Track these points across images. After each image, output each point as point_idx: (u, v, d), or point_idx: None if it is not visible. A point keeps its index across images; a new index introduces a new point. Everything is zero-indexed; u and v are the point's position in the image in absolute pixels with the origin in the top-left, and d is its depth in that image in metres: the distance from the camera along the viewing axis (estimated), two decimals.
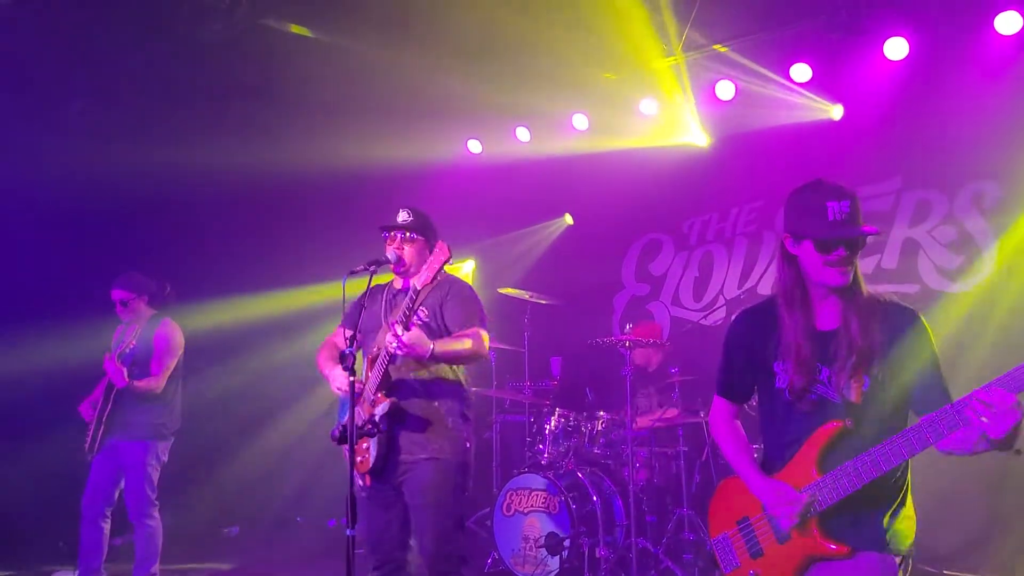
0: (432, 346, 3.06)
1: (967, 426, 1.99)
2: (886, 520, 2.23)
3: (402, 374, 3.24)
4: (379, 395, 3.21)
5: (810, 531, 2.24)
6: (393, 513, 3.33)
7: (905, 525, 2.27)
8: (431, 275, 2.97)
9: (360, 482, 3.35)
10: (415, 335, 3.01)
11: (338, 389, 3.38)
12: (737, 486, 2.50)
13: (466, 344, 3.22)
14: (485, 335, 3.33)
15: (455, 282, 3.46)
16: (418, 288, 3.01)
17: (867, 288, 2.32)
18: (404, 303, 3.09)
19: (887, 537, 2.22)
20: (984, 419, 1.94)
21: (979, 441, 2.03)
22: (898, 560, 2.23)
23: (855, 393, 2.22)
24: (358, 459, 3.34)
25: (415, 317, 3.25)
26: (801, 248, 2.31)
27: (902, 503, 2.28)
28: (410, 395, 3.27)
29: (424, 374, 3.25)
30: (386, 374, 3.19)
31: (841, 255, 2.24)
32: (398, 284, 3.57)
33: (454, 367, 3.38)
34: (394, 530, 3.33)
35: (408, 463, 3.25)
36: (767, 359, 2.39)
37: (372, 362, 3.28)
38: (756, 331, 2.45)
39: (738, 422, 2.59)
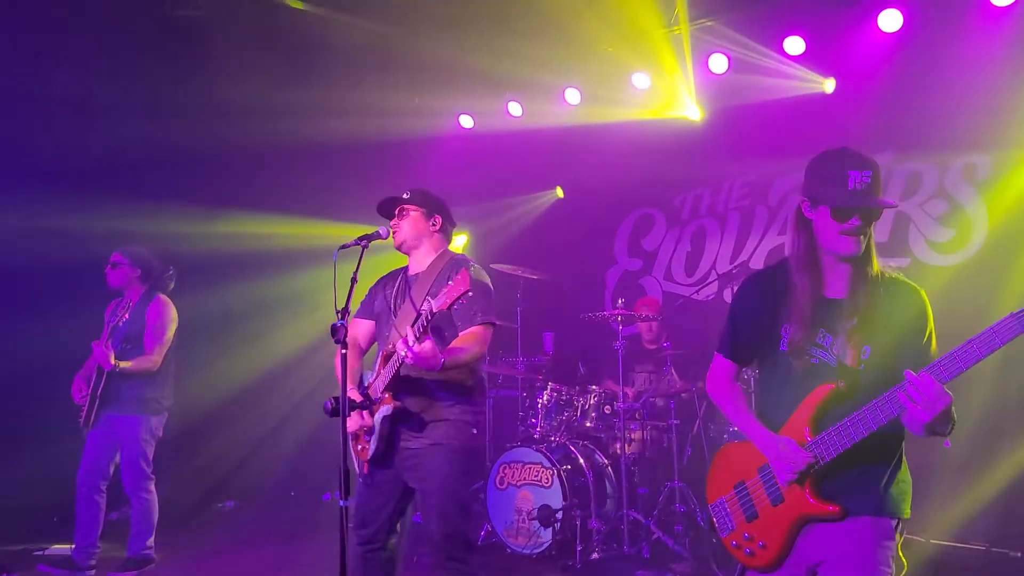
0: (443, 359, 3.05)
1: (906, 409, 2.08)
2: (881, 485, 2.28)
3: (411, 373, 3.23)
4: (386, 395, 3.22)
5: (803, 492, 2.29)
6: (388, 497, 3.34)
7: (900, 490, 2.31)
8: (448, 301, 2.91)
9: (359, 470, 3.38)
10: (427, 350, 2.97)
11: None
12: (734, 452, 2.54)
13: (469, 348, 3.21)
14: (488, 332, 3.30)
15: (464, 265, 3.35)
16: (433, 311, 2.96)
17: (878, 262, 2.36)
18: (419, 319, 3.06)
19: (882, 501, 2.27)
20: (915, 403, 2.05)
21: (920, 427, 2.14)
22: (894, 523, 2.27)
23: (852, 359, 2.27)
24: (359, 447, 3.35)
25: (424, 304, 3.23)
26: (817, 213, 2.33)
27: (897, 468, 2.32)
28: (416, 391, 3.27)
29: (432, 376, 3.24)
30: (396, 375, 3.19)
31: (856, 224, 2.26)
32: (411, 268, 3.54)
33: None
34: (386, 514, 3.34)
35: (412, 450, 3.26)
36: (774, 322, 2.41)
37: (385, 359, 3.26)
38: (766, 294, 2.47)
39: (738, 385, 2.59)
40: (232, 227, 7.08)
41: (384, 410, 3.22)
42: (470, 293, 2.91)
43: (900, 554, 2.26)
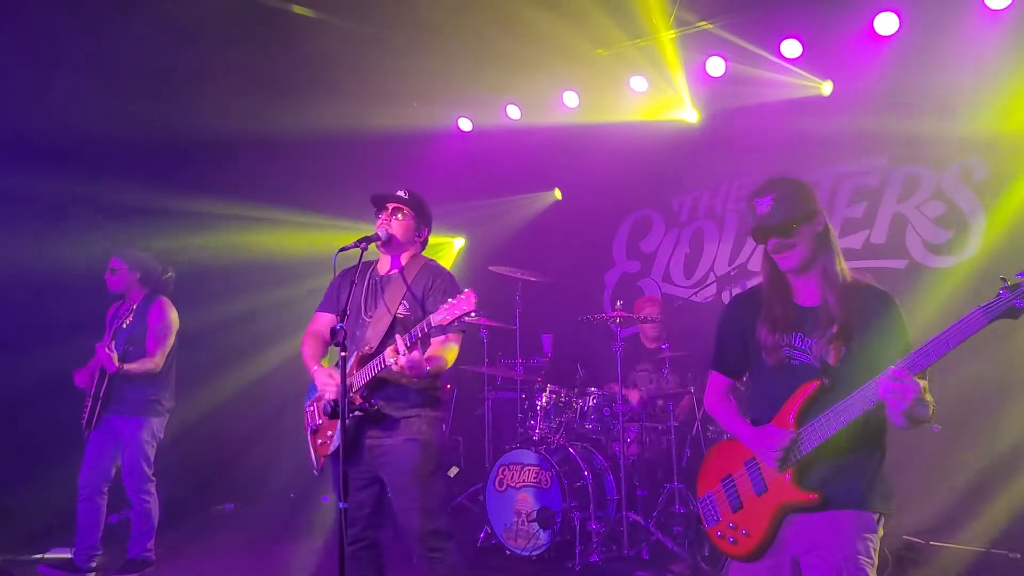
0: (428, 368, 3.15)
1: (881, 401, 2.25)
2: (864, 480, 2.40)
3: (387, 375, 3.28)
4: (357, 396, 3.25)
5: (786, 481, 2.42)
6: (366, 494, 3.38)
7: (883, 486, 2.43)
8: (450, 318, 3.02)
9: (315, 463, 3.44)
10: (416, 359, 3.07)
11: (323, 388, 3.41)
12: (723, 450, 2.69)
13: (448, 357, 3.32)
14: (459, 340, 3.41)
15: (441, 276, 3.47)
16: (433, 324, 3.06)
17: (848, 272, 2.55)
18: (414, 328, 3.13)
19: (865, 496, 2.38)
20: (890, 394, 2.21)
21: (896, 417, 2.29)
22: (876, 516, 2.39)
23: (833, 358, 2.44)
24: (319, 441, 3.40)
25: (400, 308, 3.35)
26: None
27: (879, 464, 2.45)
28: (389, 391, 3.33)
29: (406, 379, 3.29)
30: (374, 378, 3.24)
31: (773, 243, 2.52)
32: (382, 267, 3.57)
33: None
34: (367, 510, 3.38)
35: (385, 446, 3.30)
36: (754, 334, 2.60)
37: (360, 361, 3.30)
38: (746, 310, 2.67)
39: (732, 397, 2.76)
40: (231, 227, 7.11)
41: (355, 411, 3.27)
42: (473, 313, 3.03)
43: (886, 551, 2.32)
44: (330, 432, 3.34)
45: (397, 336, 3.12)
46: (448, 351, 3.32)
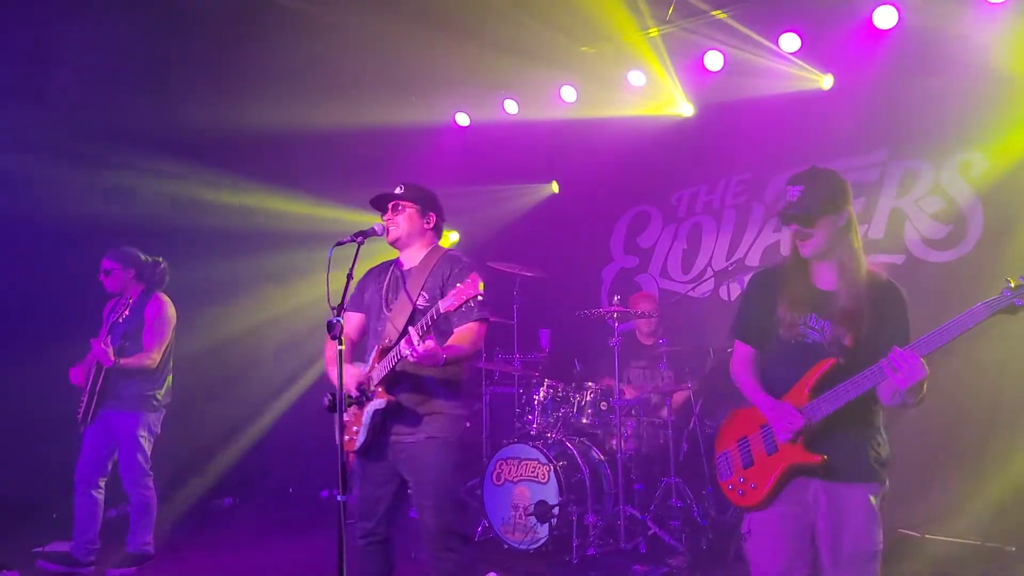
0: (444, 356, 3.10)
1: (887, 377, 2.49)
2: (867, 453, 2.66)
3: (407, 368, 3.26)
4: (379, 389, 3.24)
5: (795, 443, 2.67)
6: (385, 490, 3.37)
7: (881, 455, 2.69)
8: (457, 303, 2.98)
9: (345, 460, 3.42)
10: (431, 348, 3.03)
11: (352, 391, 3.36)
12: (742, 414, 2.92)
13: (467, 345, 3.28)
14: (483, 328, 3.35)
15: (459, 264, 3.42)
16: (441, 310, 3.02)
17: (865, 261, 2.74)
18: (424, 318, 3.10)
19: (871, 469, 2.65)
20: (896, 372, 2.45)
21: (894, 395, 2.54)
22: (879, 487, 2.65)
23: (849, 340, 2.65)
24: (346, 438, 3.38)
25: (419, 299, 3.31)
26: None
27: (877, 433, 2.72)
28: (411, 385, 3.31)
29: (428, 371, 3.28)
30: (393, 370, 3.23)
31: (795, 229, 2.73)
32: (403, 262, 3.55)
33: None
34: (384, 506, 3.38)
35: (407, 443, 3.30)
36: (774, 310, 2.79)
37: (381, 353, 3.29)
38: (768, 285, 2.87)
39: (756, 367, 2.90)
40: (230, 214, 7.11)
41: (377, 403, 3.25)
42: (480, 297, 3.00)
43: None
44: (356, 428, 3.31)
45: (410, 327, 3.09)
46: (466, 338, 3.27)
